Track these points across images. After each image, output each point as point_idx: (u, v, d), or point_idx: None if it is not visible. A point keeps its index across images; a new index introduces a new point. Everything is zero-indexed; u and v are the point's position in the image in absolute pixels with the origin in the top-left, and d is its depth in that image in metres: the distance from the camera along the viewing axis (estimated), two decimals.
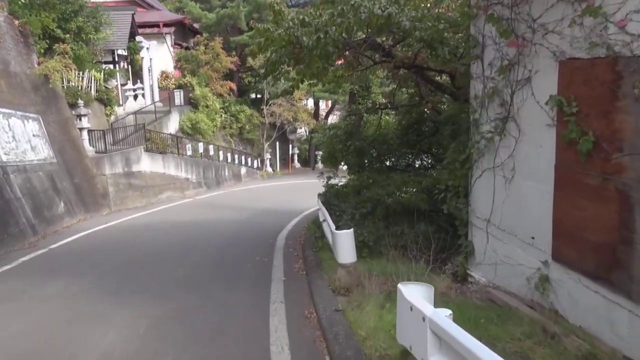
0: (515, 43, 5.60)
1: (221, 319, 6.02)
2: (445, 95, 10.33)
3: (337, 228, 7.07)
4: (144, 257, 9.60)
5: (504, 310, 5.47)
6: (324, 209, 8.86)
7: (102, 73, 18.87)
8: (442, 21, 7.54)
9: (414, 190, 9.40)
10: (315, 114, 39.21)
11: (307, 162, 39.32)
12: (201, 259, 9.37)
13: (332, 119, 37.84)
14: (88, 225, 13.54)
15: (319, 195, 11.41)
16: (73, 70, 16.17)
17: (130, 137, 19.29)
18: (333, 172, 12.48)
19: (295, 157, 38.71)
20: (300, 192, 20.77)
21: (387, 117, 12.91)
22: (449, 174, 7.05)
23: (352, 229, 6.49)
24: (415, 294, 3.31)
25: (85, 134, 16.39)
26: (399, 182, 9.55)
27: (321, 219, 9.18)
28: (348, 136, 11.49)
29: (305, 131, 38.55)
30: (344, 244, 6.29)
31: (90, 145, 16.63)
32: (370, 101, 13.67)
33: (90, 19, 17.56)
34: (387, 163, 11.89)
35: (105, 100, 19.41)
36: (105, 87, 19.52)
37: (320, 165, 32.57)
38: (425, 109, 10.83)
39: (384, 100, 13.96)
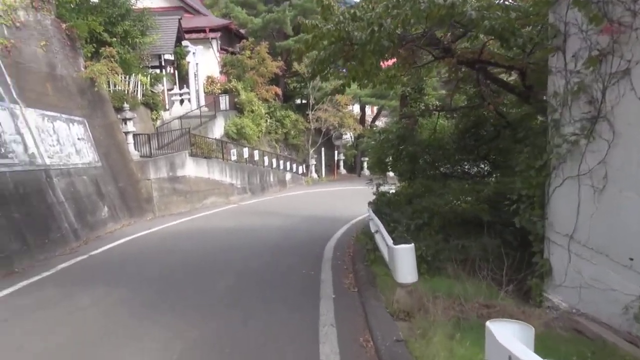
0: (609, 29, 4.77)
1: (264, 345, 5.32)
2: (508, 96, 9.48)
3: (393, 241, 6.32)
4: (185, 267, 9.13)
5: (597, 345, 4.62)
6: (376, 219, 8.13)
7: (148, 77, 18.77)
8: (512, 11, 6.74)
9: (471, 199, 8.59)
10: (361, 119, 38.52)
11: (352, 168, 38.61)
12: (244, 269, 8.82)
13: (379, 124, 36.95)
14: (131, 230, 13.27)
15: (369, 203, 10.68)
16: (119, 74, 16.05)
17: (176, 141, 19.10)
18: (382, 179, 11.78)
19: (341, 163, 38.06)
20: (347, 199, 20.11)
21: (442, 122, 12.08)
22: (523, 182, 6.20)
23: (412, 244, 5.73)
24: (512, 338, 2.57)
25: (130, 137, 16.24)
26: (457, 191, 8.80)
27: (373, 230, 8.46)
28: (400, 140, 10.74)
29: (351, 137, 37.82)
30: (404, 261, 5.53)
31: (135, 149, 16.49)
32: (423, 104, 12.82)
33: (136, 23, 17.54)
34: (442, 170, 11.08)
35: (152, 104, 19.37)
36: (152, 91, 19.47)
37: (366, 171, 31.95)
38: (485, 112, 9.94)
39: (438, 104, 13.09)
